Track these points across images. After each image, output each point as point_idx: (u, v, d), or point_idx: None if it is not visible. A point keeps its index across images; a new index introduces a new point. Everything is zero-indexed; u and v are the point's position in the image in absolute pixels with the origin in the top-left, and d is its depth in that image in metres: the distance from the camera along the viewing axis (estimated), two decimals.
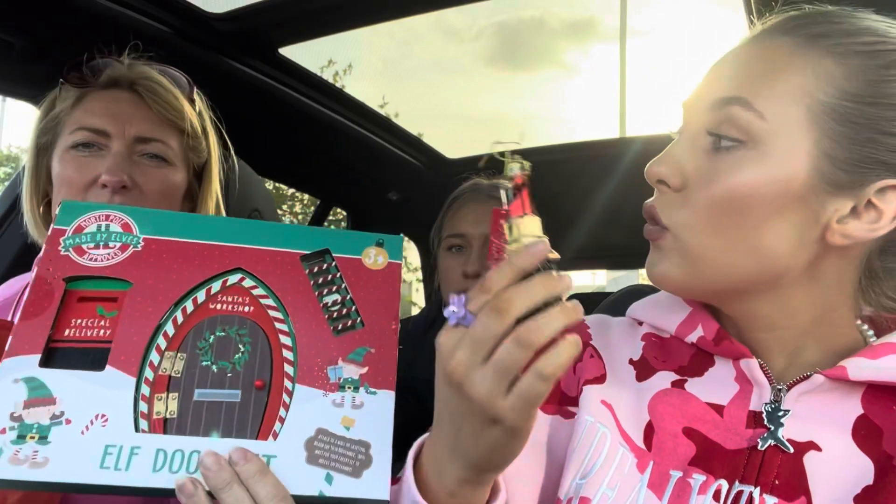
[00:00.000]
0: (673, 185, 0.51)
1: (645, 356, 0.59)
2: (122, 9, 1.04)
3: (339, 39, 1.28)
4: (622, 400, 0.56)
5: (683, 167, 0.51)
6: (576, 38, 27.71)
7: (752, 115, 0.47)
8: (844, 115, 0.47)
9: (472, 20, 24.56)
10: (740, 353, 0.53)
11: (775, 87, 0.48)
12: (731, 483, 0.49)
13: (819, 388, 0.50)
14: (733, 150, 0.48)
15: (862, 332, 0.54)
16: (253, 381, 0.47)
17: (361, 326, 0.51)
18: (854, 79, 0.47)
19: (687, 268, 0.51)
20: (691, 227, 0.50)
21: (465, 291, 1.40)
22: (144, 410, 0.46)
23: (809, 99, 0.47)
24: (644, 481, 0.51)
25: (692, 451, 0.51)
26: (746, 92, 0.48)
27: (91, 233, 0.52)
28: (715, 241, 0.49)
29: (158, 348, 0.48)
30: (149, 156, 0.81)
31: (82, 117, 0.81)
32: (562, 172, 1.87)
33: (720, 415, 0.52)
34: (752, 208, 0.48)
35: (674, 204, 0.51)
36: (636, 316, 0.63)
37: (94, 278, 0.50)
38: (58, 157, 0.81)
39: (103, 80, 0.83)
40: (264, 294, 0.51)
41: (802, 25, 0.50)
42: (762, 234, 0.48)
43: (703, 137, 0.51)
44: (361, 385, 0.48)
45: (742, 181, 0.47)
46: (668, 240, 0.51)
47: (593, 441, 0.53)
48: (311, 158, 1.72)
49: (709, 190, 0.49)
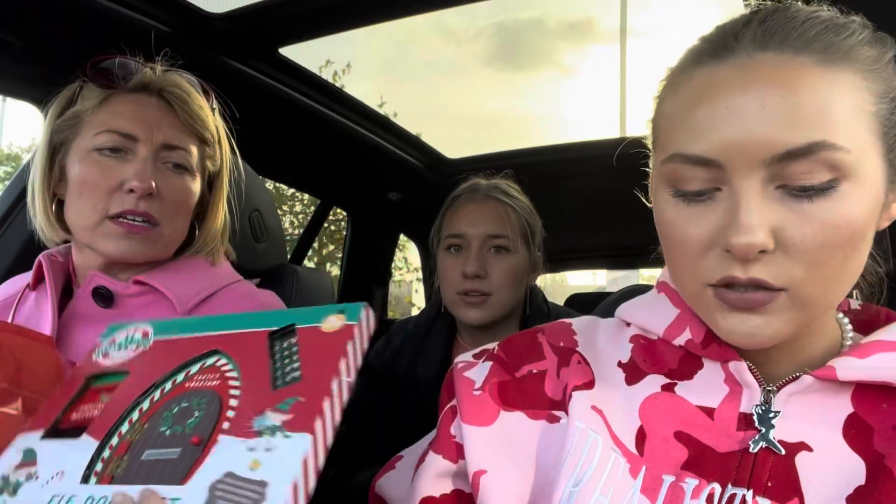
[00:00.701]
0: (770, 248, 0.46)
1: (633, 359, 0.58)
2: (122, 8, 1.04)
3: (339, 40, 1.28)
4: (612, 405, 0.55)
5: (772, 225, 0.46)
6: (574, 38, 27.75)
7: (840, 153, 0.44)
8: (884, 117, 0.47)
9: (471, 21, 24.59)
10: (728, 356, 0.52)
11: (840, 115, 0.45)
12: (723, 486, 0.48)
13: (808, 389, 0.50)
14: (829, 191, 0.45)
15: (840, 323, 0.54)
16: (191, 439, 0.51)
17: (298, 380, 0.52)
18: (876, 79, 0.47)
19: (800, 318, 0.48)
20: (809, 279, 0.46)
21: (465, 291, 1.40)
22: (98, 469, 0.50)
23: (864, 114, 0.46)
24: (637, 486, 0.50)
25: (684, 456, 0.51)
26: (822, 133, 0.44)
27: (119, 342, 0.60)
28: (832, 282, 0.47)
29: (130, 420, 0.53)
30: (172, 164, 0.82)
31: (109, 119, 0.79)
32: (562, 172, 1.87)
33: (711, 418, 0.52)
34: (861, 237, 0.47)
35: (781, 264, 0.46)
36: (624, 317, 0.62)
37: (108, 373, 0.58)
38: (78, 157, 0.80)
39: (132, 83, 0.82)
40: (231, 368, 0.55)
41: (816, 36, 0.47)
42: (863, 255, 0.48)
43: (769, 188, 0.46)
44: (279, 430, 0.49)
45: (853, 216, 0.45)
46: (782, 300, 0.47)
47: (585, 448, 0.53)
48: (311, 158, 1.72)
49: (818, 237, 0.45)
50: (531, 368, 0.61)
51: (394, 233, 2.29)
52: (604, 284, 10.34)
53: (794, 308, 0.47)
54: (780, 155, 0.45)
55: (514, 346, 0.64)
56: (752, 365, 0.52)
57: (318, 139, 1.61)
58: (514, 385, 0.60)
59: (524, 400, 0.59)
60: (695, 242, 0.48)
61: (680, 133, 0.49)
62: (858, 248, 0.47)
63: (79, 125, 0.81)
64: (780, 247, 0.46)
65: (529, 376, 0.60)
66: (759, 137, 0.45)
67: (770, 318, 0.47)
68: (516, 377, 0.61)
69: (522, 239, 1.22)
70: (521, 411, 0.59)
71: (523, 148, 1.92)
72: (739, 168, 0.46)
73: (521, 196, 1.26)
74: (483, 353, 0.65)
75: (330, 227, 8.51)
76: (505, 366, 0.62)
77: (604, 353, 0.60)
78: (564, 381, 0.59)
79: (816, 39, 0.47)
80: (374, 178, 1.93)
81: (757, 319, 0.48)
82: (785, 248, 0.46)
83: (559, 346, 0.61)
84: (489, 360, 0.63)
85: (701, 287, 0.50)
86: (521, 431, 0.58)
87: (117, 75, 0.81)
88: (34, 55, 1.03)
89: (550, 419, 0.58)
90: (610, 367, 0.59)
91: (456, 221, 1.22)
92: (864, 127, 0.46)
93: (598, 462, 0.52)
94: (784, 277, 0.46)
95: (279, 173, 1.84)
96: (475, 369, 0.63)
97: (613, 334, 0.62)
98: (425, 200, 1.82)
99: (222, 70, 1.23)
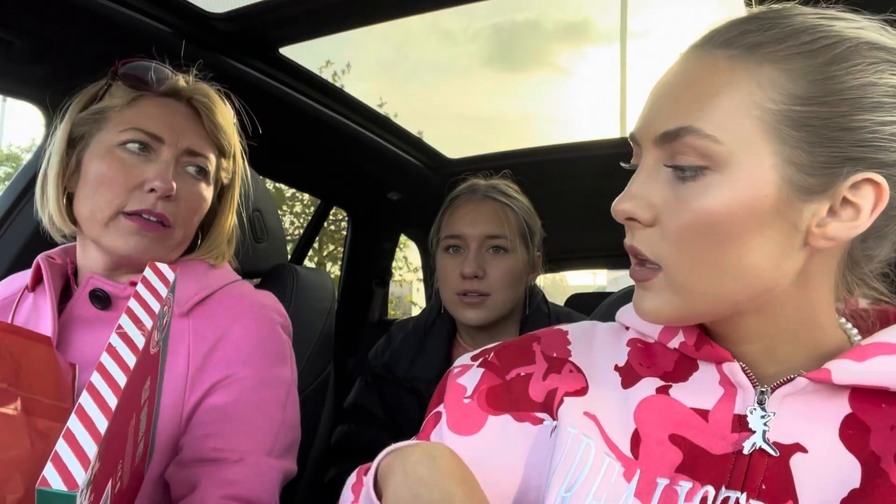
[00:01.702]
0: (643, 220, 0.50)
1: (630, 362, 0.58)
2: (122, 8, 1.04)
3: (339, 40, 1.28)
4: (607, 409, 0.56)
5: (650, 201, 0.50)
6: (570, 39, 27.81)
7: (706, 141, 0.46)
8: (799, 119, 0.46)
9: (469, 22, 24.61)
10: (722, 358, 0.52)
11: (722, 107, 0.47)
12: (717, 489, 0.48)
13: (803, 390, 0.49)
14: (698, 177, 0.47)
15: (846, 331, 0.54)
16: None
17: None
18: (800, 81, 0.46)
19: (678, 302, 0.50)
20: (678, 261, 0.49)
21: (464, 292, 1.40)
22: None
23: (759, 111, 0.46)
24: (631, 490, 0.50)
25: (679, 458, 0.51)
26: (694, 119, 0.47)
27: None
28: (701, 271, 0.48)
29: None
30: (192, 169, 0.83)
31: (137, 118, 0.80)
32: (562, 172, 1.87)
33: (705, 420, 0.52)
34: (729, 231, 0.47)
35: (654, 239, 0.50)
36: (622, 321, 0.62)
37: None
38: (99, 153, 0.80)
39: (164, 88, 0.83)
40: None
41: (737, 36, 0.48)
42: (744, 254, 0.47)
43: (661, 169, 0.50)
44: None
45: (714, 205, 0.47)
46: (660, 280, 0.50)
47: (577, 453, 0.53)
48: (311, 158, 1.72)
49: (682, 219, 0.48)
50: (519, 371, 0.62)
51: (394, 233, 2.29)
52: (604, 284, 10.34)
53: (670, 290, 0.50)
54: (659, 135, 0.49)
55: (508, 352, 0.64)
56: (745, 366, 0.52)
57: (319, 139, 1.61)
58: (503, 388, 0.61)
59: (511, 402, 0.60)
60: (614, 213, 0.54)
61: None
62: (730, 242, 0.47)
63: (103, 121, 0.81)
64: (657, 223, 0.50)
65: (517, 378, 0.61)
66: (651, 118, 0.51)
67: (653, 296, 0.51)
68: (506, 380, 0.62)
69: (521, 239, 1.21)
70: (509, 414, 0.59)
71: (523, 148, 1.92)
72: (644, 144, 0.52)
73: (520, 196, 1.26)
74: (482, 354, 0.66)
75: (330, 227, 8.51)
76: (496, 371, 0.63)
77: (600, 359, 0.60)
78: (552, 385, 0.59)
79: (738, 39, 0.48)
80: (374, 178, 1.93)
81: (645, 295, 0.52)
82: (660, 225, 0.50)
83: (552, 357, 0.62)
84: (482, 367, 0.64)
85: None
86: (508, 434, 0.58)
87: (152, 78, 0.83)
88: (35, 55, 1.03)
89: (534, 421, 0.58)
90: (606, 371, 0.59)
91: (454, 222, 1.22)
92: (753, 122, 0.46)
93: (590, 467, 0.52)
94: (655, 253, 0.50)
95: (279, 173, 1.84)
96: (468, 375, 0.64)
97: (611, 338, 0.62)
98: (425, 200, 1.82)
99: (223, 70, 1.23)
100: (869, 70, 0.46)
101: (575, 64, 28.72)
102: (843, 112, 0.45)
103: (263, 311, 0.84)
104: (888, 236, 0.51)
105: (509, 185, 1.27)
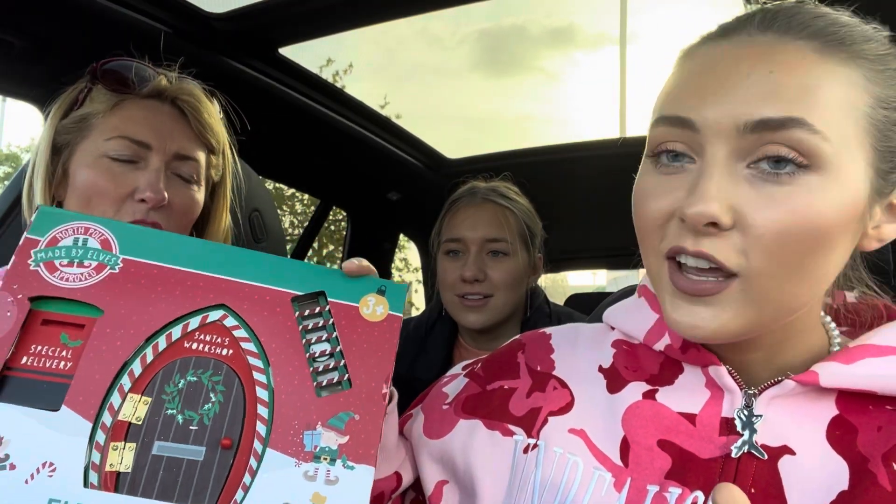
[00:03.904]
0: (725, 223, 0.44)
1: (615, 365, 0.58)
2: (121, 9, 1.04)
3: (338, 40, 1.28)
4: (594, 419, 0.55)
5: (730, 202, 0.44)
6: (556, 44, 27.94)
7: (817, 137, 0.42)
8: (883, 123, 0.45)
9: (456, 27, 24.69)
10: (708, 361, 0.52)
11: (828, 102, 0.43)
12: (706, 494, 0.47)
13: (791, 392, 0.49)
14: (796, 176, 0.43)
15: (828, 329, 0.53)
16: (220, 439, 0.43)
17: (348, 387, 0.46)
18: (882, 84, 0.45)
19: (750, 315, 0.45)
20: (765, 269, 0.44)
21: (463, 294, 1.40)
22: (97, 461, 0.41)
23: (856, 112, 0.44)
24: (622, 501, 0.50)
25: (668, 464, 0.50)
26: (803, 110, 0.42)
27: (66, 247, 0.46)
28: (787, 278, 0.44)
29: (121, 389, 0.43)
30: (182, 174, 0.81)
31: (121, 125, 0.78)
32: (562, 172, 1.87)
33: (693, 424, 0.51)
34: (826, 236, 0.43)
35: (735, 245, 0.44)
36: (609, 321, 0.61)
37: (62, 300, 0.45)
38: (86, 162, 0.78)
39: (147, 90, 0.81)
40: (246, 337, 0.46)
41: (823, 28, 0.46)
42: (830, 260, 0.45)
43: (737, 166, 0.44)
44: (339, 457, 0.43)
45: (815, 209, 0.43)
46: (733, 290, 0.45)
47: (565, 472, 0.53)
48: (311, 158, 1.72)
49: (780, 222, 0.43)
50: (503, 384, 0.62)
51: (394, 233, 2.29)
52: (604, 284, 10.33)
53: (745, 301, 0.45)
54: (753, 123, 0.43)
55: (494, 363, 0.65)
56: (731, 369, 0.51)
57: (318, 139, 1.60)
58: (481, 396, 0.62)
59: (485, 410, 0.60)
60: (658, 213, 0.47)
61: (668, 99, 0.48)
62: (823, 249, 0.44)
63: (87, 128, 0.79)
64: (737, 227, 0.44)
65: (499, 390, 0.61)
66: (737, 103, 0.44)
67: (718, 311, 0.45)
68: (486, 390, 0.62)
69: (521, 241, 1.21)
70: (479, 419, 0.60)
71: (523, 148, 1.92)
72: (712, 134, 0.44)
73: (520, 198, 1.26)
74: (471, 364, 0.67)
75: (330, 227, 8.51)
76: (479, 381, 0.64)
77: (583, 361, 0.60)
78: (536, 404, 0.59)
79: (819, 30, 0.45)
80: (374, 178, 1.92)
81: (704, 311, 0.46)
82: (743, 228, 0.44)
83: (536, 370, 0.61)
84: (468, 377, 0.65)
85: (658, 263, 0.48)
86: (473, 438, 0.59)
87: (133, 81, 0.80)
88: (34, 55, 1.03)
89: (504, 432, 0.58)
90: (590, 374, 0.58)
91: (454, 225, 1.22)
92: (852, 123, 0.44)
93: (579, 483, 0.52)
94: (736, 260, 0.44)
95: (279, 173, 1.83)
96: (453, 384, 0.66)
97: (596, 340, 0.62)
98: (425, 200, 1.82)
99: (222, 70, 1.23)
100: None
101: (563, 67, 28.92)
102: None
103: None
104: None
105: (509, 187, 1.27)
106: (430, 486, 0.60)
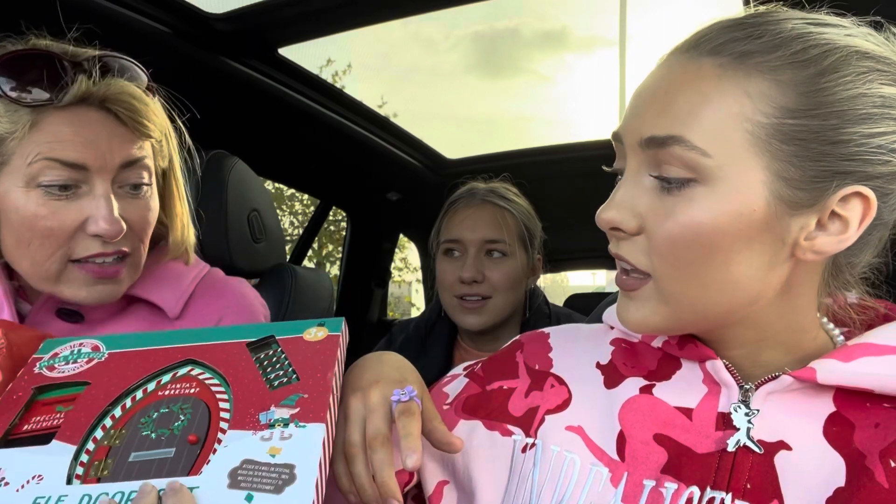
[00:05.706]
0: (629, 229, 0.49)
1: (614, 361, 0.58)
2: (120, 9, 1.03)
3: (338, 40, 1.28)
4: (591, 414, 0.55)
5: (636, 210, 0.49)
6: (548, 47, 28.08)
7: (695, 153, 0.45)
8: (789, 133, 0.45)
9: (449, 30, 24.76)
10: (705, 356, 0.52)
11: (711, 119, 0.45)
12: (702, 489, 0.48)
13: (788, 388, 0.49)
14: (684, 188, 0.46)
15: (828, 332, 0.54)
16: (187, 438, 0.50)
17: (296, 381, 0.53)
18: (790, 93, 0.45)
19: (665, 312, 0.49)
20: (665, 272, 0.48)
21: (462, 296, 1.39)
22: (80, 473, 0.49)
23: (749, 124, 0.45)
24: (618, 495, 0.50)
25: (664, 458, 0.50)
26: (682, 128, 0.45)
27: (64, 356, 0.59)
28: (688, 282, 0.48)
29: (104, 427, 0.52)
30: (130, 185, 0.71)
31: (47, 147, 0.64)
32: (562, 172, 1.87)
33: (689, 418, 0.51)
34: (716, 244, 0.46)
35: (640, 248, 0.49)
36: (608, 320, 0.62)
37: (59, 385, 0.56)
38: (14, 194, 0.65)
39: (68, 98, 0.65)
40: (210, 377, 0.55)
41: (725, 43, 0.47)
42: (731, 268, 0.47)
43: (646, 176, 0.49)
44: (291, 422, 0.50)
45: (702, 218, 0.45)
46: (650, 287, 0.50)
47: (562, 469, 0.53)
48: (311, 158, 1.72)
49: (669, 231, 0.47)
50: (502, 385, 0.62)
51: (393, 233, 2.29)
52: (604, 284, 10.34)
53: (659, 299, 0.49)
54: (645, 140, 0.48)
55: (494, 363, 0.65)
56: (729, 364, 0.52)
57: (318, 139, 1.60)
58: (481, 396, 0.62)
59: (485, 410, 0.61)
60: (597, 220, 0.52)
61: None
62: (717, 256, 0.46)
63: (5, 154, 0.65)
64: (644, 233, 0.49)
65: (498, 391, 0.62)
66: (638, 120, 0.49)
67: (639, 305, 0.51)
68: (486, 390, 0.63)
69: (520, 243, 1.21)
70: (479, 420, 0.60)
71: (523, 148, 1.92)
72: (628, 146, 0.50)
73: (520, 199, 1.26)
74: (472, 365, 0.68)
75: (330, 227, 8.51)
76: (479, 381, 0.64)
77: (581, 358, 0.60)
78: (533, 403, 0.59)
79: (722, 46, 0.47)
80: (373, 179, 1.93)
81: (630, 304, 0.51)
82: (647, 234, 0.49)
83: (534, 369, 0.62)
84: (468, 377, 0.65)
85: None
86: (473, 438, 0.59)
87: (47, 90, 0.65)
88: None
89: (504, 432, 0.58)
90: (587, 369, 0.59)
91: (453, 226, 1.22)
92: (744, 135, 0.45)
93: (576, 480, 0.52)
94: (645, 262, 0.49)
95: (279, 173, 1.84)
96: (454, 384, 0.66)
97: (594, 338, 0.62)
98: (425, 201, 1.82)
99: (222, 70, 1.23)
100: (858, 81, 0.45)
101: (556, 70, 29.09)
102: (832, 125, 0.44)
103: (245, 301, 0.84)
104: (870, 244, 0.50)
105: (508, 187, 1.27)
106: (430, 485, 0.60)
